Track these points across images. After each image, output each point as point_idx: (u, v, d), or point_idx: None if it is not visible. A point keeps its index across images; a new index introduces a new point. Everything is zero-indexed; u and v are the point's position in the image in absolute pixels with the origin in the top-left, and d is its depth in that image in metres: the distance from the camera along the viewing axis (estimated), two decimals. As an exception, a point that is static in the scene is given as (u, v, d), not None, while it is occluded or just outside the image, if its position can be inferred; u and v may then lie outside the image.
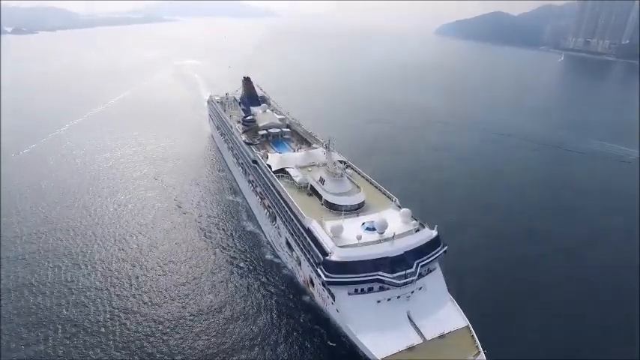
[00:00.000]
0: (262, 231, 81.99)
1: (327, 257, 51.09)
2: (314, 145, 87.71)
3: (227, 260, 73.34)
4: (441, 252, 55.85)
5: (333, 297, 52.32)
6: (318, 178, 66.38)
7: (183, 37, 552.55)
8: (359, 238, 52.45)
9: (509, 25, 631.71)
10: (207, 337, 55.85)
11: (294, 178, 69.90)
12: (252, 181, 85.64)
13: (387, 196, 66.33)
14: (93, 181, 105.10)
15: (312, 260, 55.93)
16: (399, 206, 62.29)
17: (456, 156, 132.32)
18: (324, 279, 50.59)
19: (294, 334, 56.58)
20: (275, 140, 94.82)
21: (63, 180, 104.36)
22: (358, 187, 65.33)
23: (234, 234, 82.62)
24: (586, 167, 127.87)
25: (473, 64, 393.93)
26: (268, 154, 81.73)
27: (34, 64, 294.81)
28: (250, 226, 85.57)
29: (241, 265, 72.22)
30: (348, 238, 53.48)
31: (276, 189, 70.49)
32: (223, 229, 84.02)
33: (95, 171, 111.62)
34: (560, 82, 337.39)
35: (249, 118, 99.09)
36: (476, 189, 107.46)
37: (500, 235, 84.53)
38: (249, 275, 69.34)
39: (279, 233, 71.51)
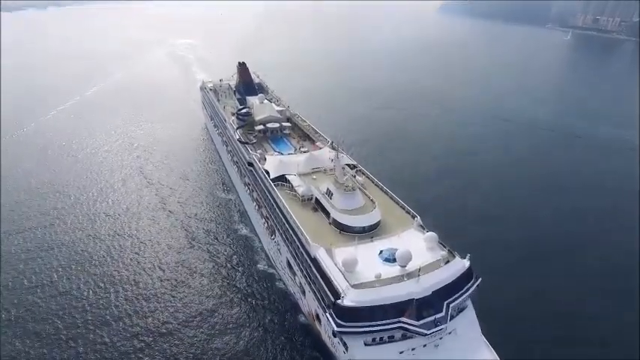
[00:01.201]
0: (256, 234, 73.89)
1: (339, 301, 41.49)
2: (318, 144, 77.31)
3: (213, 268, 66.09)
4: (474, 286, 46.43)
5: (346, 346, 43.08)
6: (325, 190, 56.31)
7: (179, 14, 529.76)
8: (378, 276, 42.83)
9: (513, 3, 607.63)
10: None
11: (296, 189, 59.77)
12: (249, 185, 75.65)
13: (406, 211, 56.38)
14: (64, 175, 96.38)
15: (319, 297, 46.54)
16: (421, 226, 52.51)
17: (476, 149, 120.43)
18: (335, 328, 41.20)
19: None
20: (274, 136, 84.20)
21: (34, 172, 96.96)
22: (373, 201, 55.26)
23: (224, 238, 74.60)
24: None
25: (474, 45, 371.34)
26: (266, 155, 71.39)
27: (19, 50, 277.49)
28: (243, 230, 77.23)
29: (230, 274, 64.90)
30: (363, 273, 43.88)
31: (275, 201, 60.52)
32: (212, 233, 75.79)
33: (70, 163, 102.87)
34: (569, 62, 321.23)
35: (244, 111, 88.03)
36: (504, 193, 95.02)
37: (539, 255, 71.34)
38: (238, 287, 62.12)
39: (278, 250, 62.09)
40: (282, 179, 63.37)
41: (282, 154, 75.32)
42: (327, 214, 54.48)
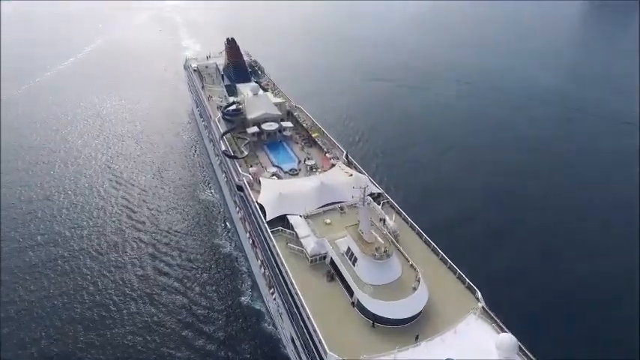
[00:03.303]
0: (244, 252, 60.64)
1: None
2: (330, 156, 59.25)
3: (186, 302, 54.13)
4: None
5: None
6: (345, 249, 39.27)
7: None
8: None
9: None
10: None
11: (302, 243, 42.49)
12: (240, 210, 58.53)
13: (458, 277, 39.64)
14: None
15: None
16: (484, 310, 35.83)
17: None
18: None
19: None
20: (271, 141, 66.00)
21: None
22: (414, 268, 38.21)
23: (202, 260, 61.31)
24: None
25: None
26: (261, 176, 53.70)
27: None
28: (227, 247, 63.76)
29: (207, 314, 52.70)
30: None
31: (274, 259, 43.57)
32: (189, 253, 62.19)
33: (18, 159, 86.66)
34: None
35: (232, 107, 69.01)
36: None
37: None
38: (216, 328, 50.47)
39: (279, 313, 46.16)
40: (282, 220, 46.13)
41: (281, 169, 57.97)
42: (349, 288, 37.65)
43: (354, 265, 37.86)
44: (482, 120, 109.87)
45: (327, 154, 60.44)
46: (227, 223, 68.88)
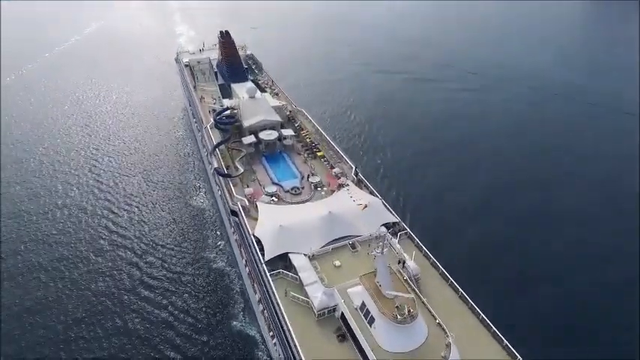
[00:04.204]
0: (237, 268, 54.53)
1: None
2: (337, 172, 52.34)
3: (170, 324, 48.53)
4: None
5: None
6: (360, 304, 32.83)
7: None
8: None
9: None
10: None
11: (308, 292, 35.87)
12: (235, 232, 51.88)
13: (492, 333, 33.33)
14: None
15: None
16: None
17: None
18: None
19: None
20: (271, 152, 58.91)
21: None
22: (443, 329, 31.79)
23: (191, 274, 55.33)
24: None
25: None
26: (258, 200, 46.90)
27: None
28: (219, 262, 57.31)
29: (192, 335, 47.16)
30: None
31: (274, 305, 37.08)
32: (176, 274, 55.42)
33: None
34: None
35: (226, 113, 61.47)
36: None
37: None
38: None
39: (279, 358, 40.08)
40: (284, 259, 39.49)
41: (282, 187, 51.11)
42: (363, 352, 31.29)
43: (370, 326, 31.47)
44: (513, 128, 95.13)
45: (333, 170, 53.47)
46: (219, 233, 62.27)
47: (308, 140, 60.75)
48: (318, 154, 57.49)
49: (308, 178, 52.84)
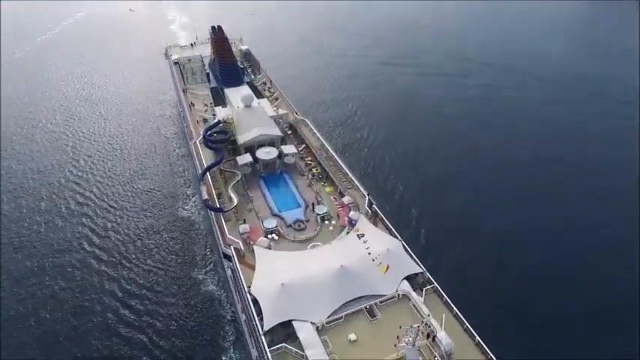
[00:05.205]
0: (230, 292, 46.98)
1: None
2: (347, 202, 44.72)
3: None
4: None
5: None
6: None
7: None
8: None
9: None
10: None
11: None
12: (229, 268, 44.63)
13: None
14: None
15: None
16: None
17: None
18: None
19: None
20: (270, 173, 51.24)
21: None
22: None
23: (177, 296, 48.41)
24: None
25: None
26: (255, 244, 39.48)
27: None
28: (209, 285, 49.96)
29: None
30: None
31: None
32: (159, 294, 48.61)
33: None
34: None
35: (218, 128, 53.04)
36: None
37: None
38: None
39: None
40: (287, 327, 32.36)
41: (283, 219, 43.91)
42: None
43: None
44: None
45: (343, 198, 45.87)
46: (211, 250, 54.84)
47: (315, 170, 51.81)
48: (326, 189, 49.01)
49: (313, 207, 45.41)
